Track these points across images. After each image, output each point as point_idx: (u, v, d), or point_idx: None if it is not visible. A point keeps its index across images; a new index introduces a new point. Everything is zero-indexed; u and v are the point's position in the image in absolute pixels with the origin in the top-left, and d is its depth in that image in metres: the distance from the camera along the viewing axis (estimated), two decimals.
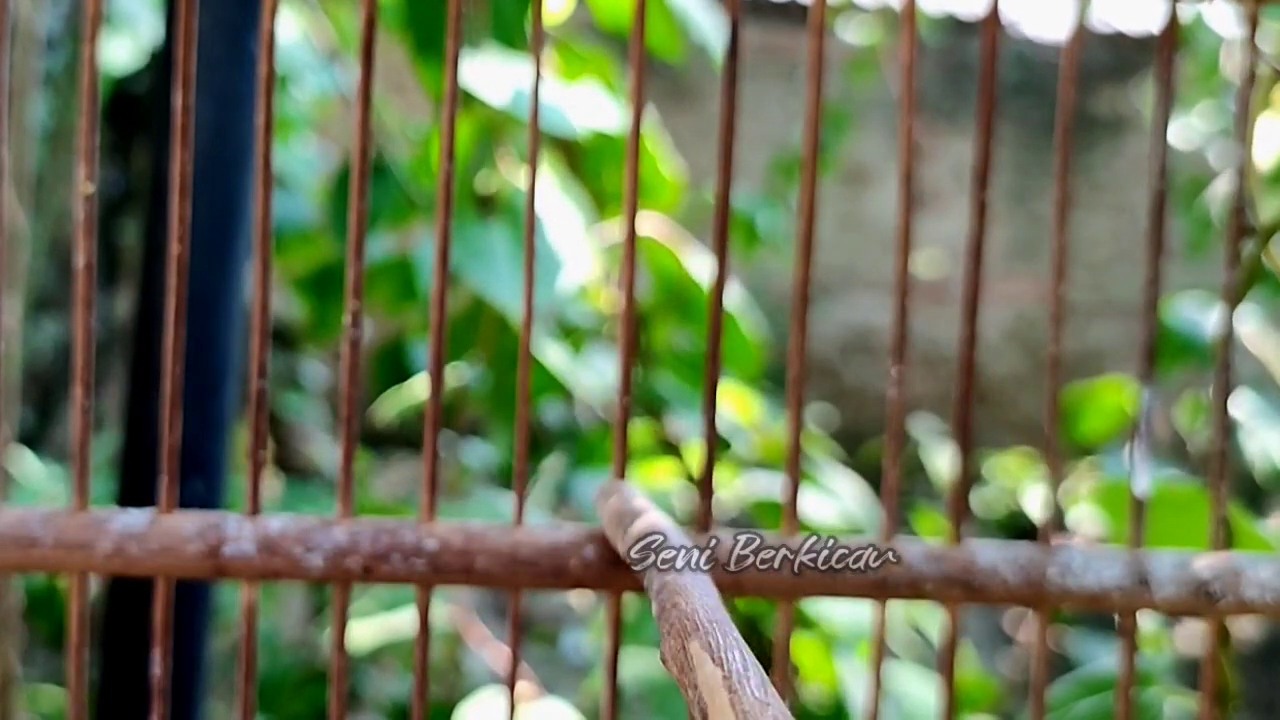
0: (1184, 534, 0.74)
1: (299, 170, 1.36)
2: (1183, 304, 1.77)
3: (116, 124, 1.58)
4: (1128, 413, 1.60)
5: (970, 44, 3.40)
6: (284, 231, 1.33)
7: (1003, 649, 2.68)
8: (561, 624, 2.20)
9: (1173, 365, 1.80)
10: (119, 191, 1.65)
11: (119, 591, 0.98)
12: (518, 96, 1.04)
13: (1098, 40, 3.48)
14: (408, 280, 1.24)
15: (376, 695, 1.45)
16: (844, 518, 1.23)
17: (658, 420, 1.29)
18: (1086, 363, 3.25)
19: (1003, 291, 3.43)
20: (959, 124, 3.57)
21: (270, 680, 1.39)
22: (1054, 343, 0.55)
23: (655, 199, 1.20)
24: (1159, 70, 0.55)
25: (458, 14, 0.53)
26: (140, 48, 1.38)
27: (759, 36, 3.42)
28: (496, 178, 1.16)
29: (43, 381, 1.66)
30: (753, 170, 2.47)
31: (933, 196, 3.58)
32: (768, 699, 0.28)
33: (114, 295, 1.72)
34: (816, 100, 0.53)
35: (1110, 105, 3.53)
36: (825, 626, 1.14)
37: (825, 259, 3.49)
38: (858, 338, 3.59)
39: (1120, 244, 3.53)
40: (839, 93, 2.77)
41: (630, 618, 1.24)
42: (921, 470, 2.33)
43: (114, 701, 0.97)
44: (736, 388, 1.33)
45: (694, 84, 3.32)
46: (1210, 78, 2.36)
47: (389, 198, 1.21)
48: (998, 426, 3.30)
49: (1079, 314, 3.39)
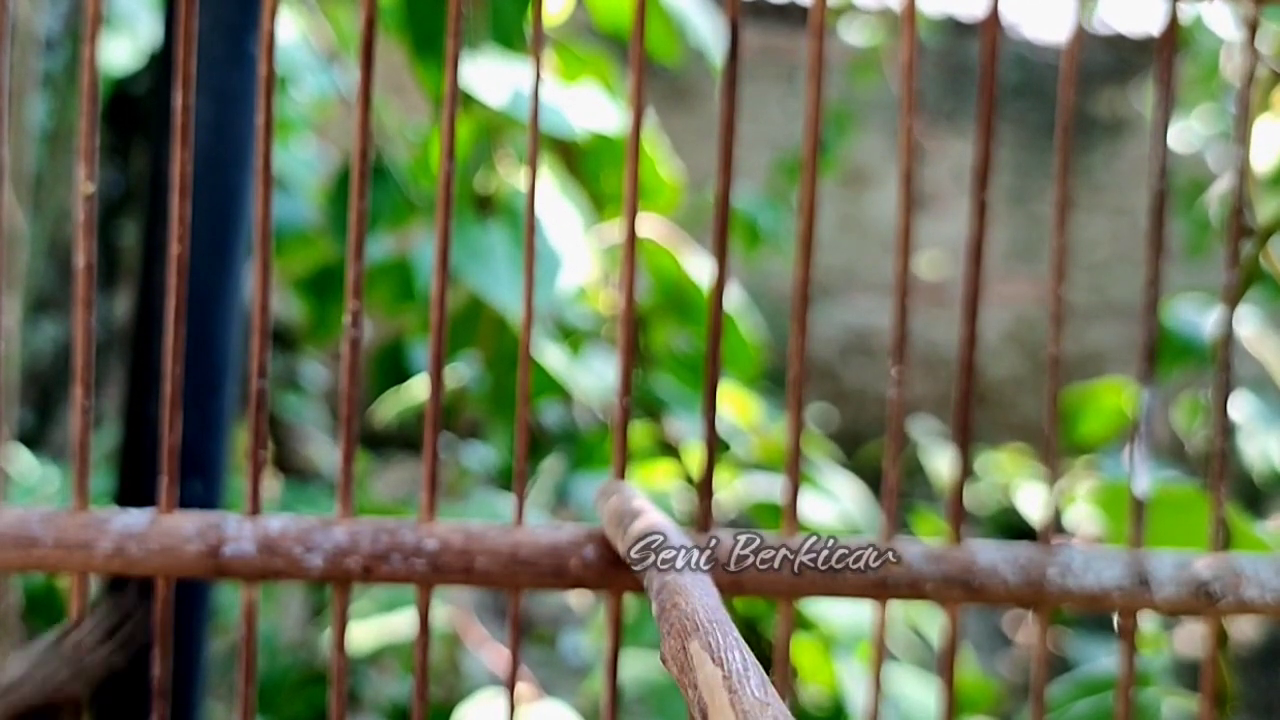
0: (1184, 535, 0.74)
1: (299, 171, 1.36)
2: (1182, 305, 1.77)
3: (116, 124, 1.58)
4: (1127, 414, 1.60)
5: (970, 46, 3.40)
6: (283, 232, 1.32)
7: (1002, 650, 2.69)
8: (561, 625, 2.21)
9: (1172, 367, 1.80)
10: (118, 192, 1.65)
11: (118, 591, 0.98)
12: (517, 98, 1.04)
13: (1098, 42, 3.48)
14: (407, 281, 1.24)
15: (376, 696, 1.45)
16: (843, 519, 1.23)
17: (657, 422, 1.29)
18: (1086, 364, 3.25)
19: (1002, 293, 3.43)
20: (959, 125, 3.57)
21: (270, 681, 1.39)
22: (1053, 344, 0.55)
23: (654, 201, 1.20)
24: (1158, 72, 0.55)
25: (457, 15, 0.53)
26: (139, 48, 1.38)
27: (759, 38, 3.42)
28: (496, 179, 1.16)
29: (42, 382, 1.66)
30: (753, 171, 2.47)
31: (933, 198, 3.59)
32: (767, 699, 0.28)
33: (113, 296, 1.72)
34: (816, 101, 0.53)
35: (1110, 107, 3.53)
36: (824, 628, 1.14)
37: (825, 260, 3.49)
38: (858, 339, 3.59)
39: (1120, 245, 3.54)
40: (840, 94, 2.77)
41: (630, 618, 1.24)
42: (921, 471, 2.33)
43: (117, 701, 0.97)
44: (736, 389, 1.33)
45: (693, 85, 3.32)
46: (1210, 80, 2.36)
47: (388, 199, 1.21)
48: (997, 428, 3.30)
49: (1078, 315, 3.39)
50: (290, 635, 1.53)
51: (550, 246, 1.03)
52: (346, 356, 0.53)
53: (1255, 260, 0.70)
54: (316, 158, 1.46)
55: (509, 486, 1.29)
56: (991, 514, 2.35)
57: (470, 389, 1.30)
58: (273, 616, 1.51)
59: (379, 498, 1.48)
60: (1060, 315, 0.55)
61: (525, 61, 1.09)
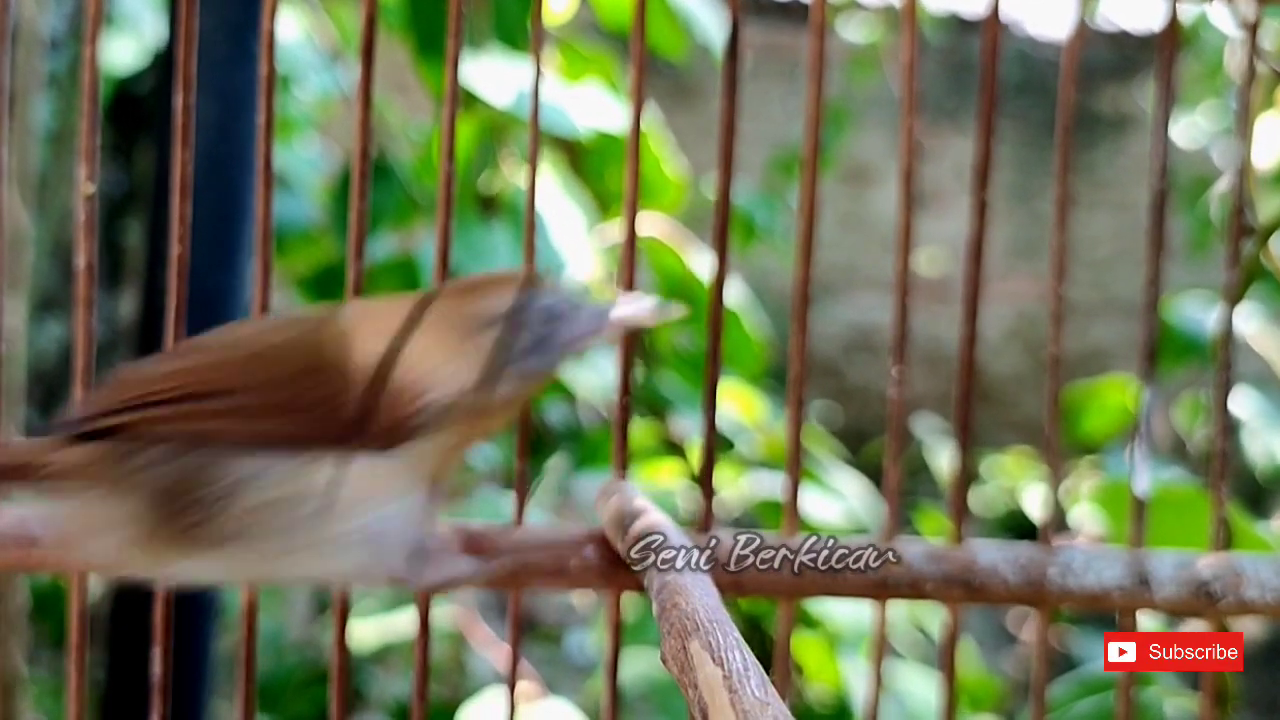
0: (1184, 534, 0.74)
1: (302, 170, 1.36)
2: (1185, 303, 1.77)
3: (119, 124, 1.58)
4: (1130, 412, 1.60)
5: (973, 43, 3.39)
6: (287, 232, 1.33)
7: (1006, 648, 2.68)
8: (565, 624, 2.21)
9: (1175, 365, 1.80)
10: (121, 192, 1.65)
11: (124, 591, 0.98)
12: (520, 97, 1.04)
13: (1100, 39, 3.48)
14: (412, 280, 1.24)
15: (381, 695, 1.46)
16: (848, 517, 1.23)
17: (661, 420, 1.29)
18: (1088, 362, 3.25)
19: (1004, 290, 3.42)
20: (961, 123, 3.57)
21: (274, 680, 1.39)
22: (1053, 343, 0.55)
23: (658, 198, 1.20)
24: (1159, 69, 0.55)
25: (458, 14, 0.53)
26: (144, 48, 1.38)
27: (760, 35, 3.42)
28: (500, 178, 1.16)
29: (47, 381, 1.66)
30: (754, 168, 2.47)
31: (934, 196, 3.58)
32: (768, 698, 0.29)
33: (118, 296, 1.72)
34: (817, 99, 0.53)
35: (1113, 104, 3.53)
36: (829, 626, 1.14)
37: (827, 258, 3.49)
38: (860, 336, 3.59)
39: (1122, 243, 3.53)
40: (840, 91, 2.77)
41: (632, 618, 1.24)
42: (925, 469, 2.32)
43: (120, 701, 0.97)
44: (740, 387, 1.33)
45: (696, 83, 3.32)
46: (1214, 77, 2.35)
47: (392, 198, 1.21)
48: (999, 426, 3.30)
49: (1080, 313, 3.38)
50: (295, 634, 1.53)
51: (553, 246, 1.03)
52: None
53: (1256, 259, 0.70)
54: (320, 157, 1.46)
55: (512, 485, 1.29)
56: (999, 516, 2.35)
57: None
58: (278, 615, 1.52)
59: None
60: (1060, 314, 0.55)
61: (529, 60, 1.09)
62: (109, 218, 1.64)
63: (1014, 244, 3.48)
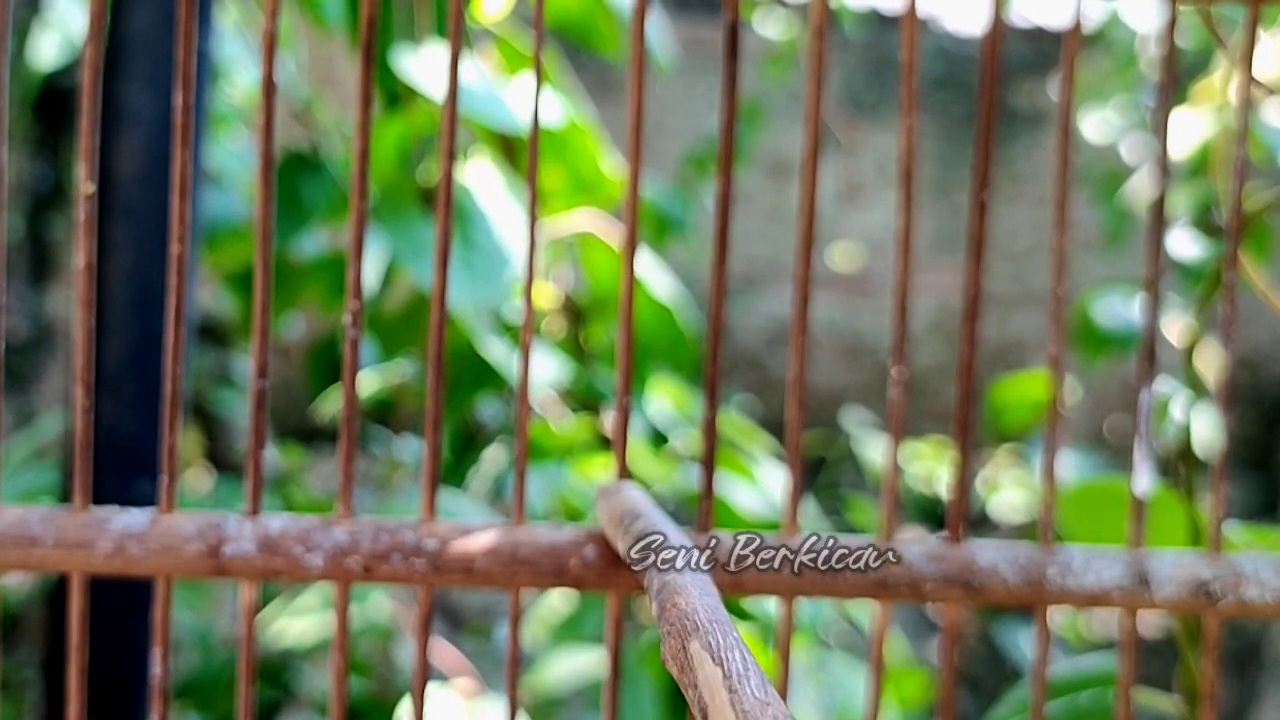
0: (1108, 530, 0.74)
1: (232, 165, 1.35)
2: (1103, 296, 1.80)
3: (45, 118, 1.55)
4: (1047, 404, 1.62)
5: (892, 38, 3.42)
6: (216, 228, 1.31)
7: (929, 636, 2.71)
8: (494, 617, 2.20)
9: (1095, 356, 1.83)
10: (48, 186, 1.63)
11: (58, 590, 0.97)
12: (461, 91, 1.04)
13: (1018, 35, 3.52)
14: (344, 277, 1.24)
15: (311, 692, 1.45)
16: (772, 509, 1.24)
17: (597, 415, 1.29)
18: (1008, 353, 3.29)
19: (926, 282, 3.46)
20: (882, 117, 3.60)
21: (203, 679, 1.38)
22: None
23: (595, 195, 1.20)
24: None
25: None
26: (68, 43, 1.36)
27: (684, 30, 3.42)
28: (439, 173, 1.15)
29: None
30: (672, 163, 2.48)
31: (857, 189, 3.61)
32: (768, 699, 0.29)
33: (43, 291, 1.70)
34: (817, 98, 0.54)
35: (1030, 99, 3.57)
36: (763, 618, 1.15)
37: (751, 251, 3.51)
38: (783, 329, 3.61)
39: (1041, 235, 3.58)
40: (754, 87, 2.78)
41: (566, 613, 1.24)
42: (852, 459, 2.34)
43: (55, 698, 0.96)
44: (674, 382, 1.34)
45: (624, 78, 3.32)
46: (1127, 71, 2.39)
47: (324, 193, 1.21)
48: (922, 416, 3.33)
49: (1000, 304, 3.42)
50: (225, 631, 1.52)
51: (497, 242, 1.03)
52: (348, 356, 0.53)
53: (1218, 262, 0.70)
54: (248, 151, 1.45)
55: (448, 481, 1.29)
56: (916, 501, 2.37)
57: (412, 384, 1.30)
58: (207, 613, 1.50)
59: (314, 492, 1.47)
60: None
61: (468, 54, 1.09)
62: (33, 212, 1.62)
63: (935, 237, 3.52)
